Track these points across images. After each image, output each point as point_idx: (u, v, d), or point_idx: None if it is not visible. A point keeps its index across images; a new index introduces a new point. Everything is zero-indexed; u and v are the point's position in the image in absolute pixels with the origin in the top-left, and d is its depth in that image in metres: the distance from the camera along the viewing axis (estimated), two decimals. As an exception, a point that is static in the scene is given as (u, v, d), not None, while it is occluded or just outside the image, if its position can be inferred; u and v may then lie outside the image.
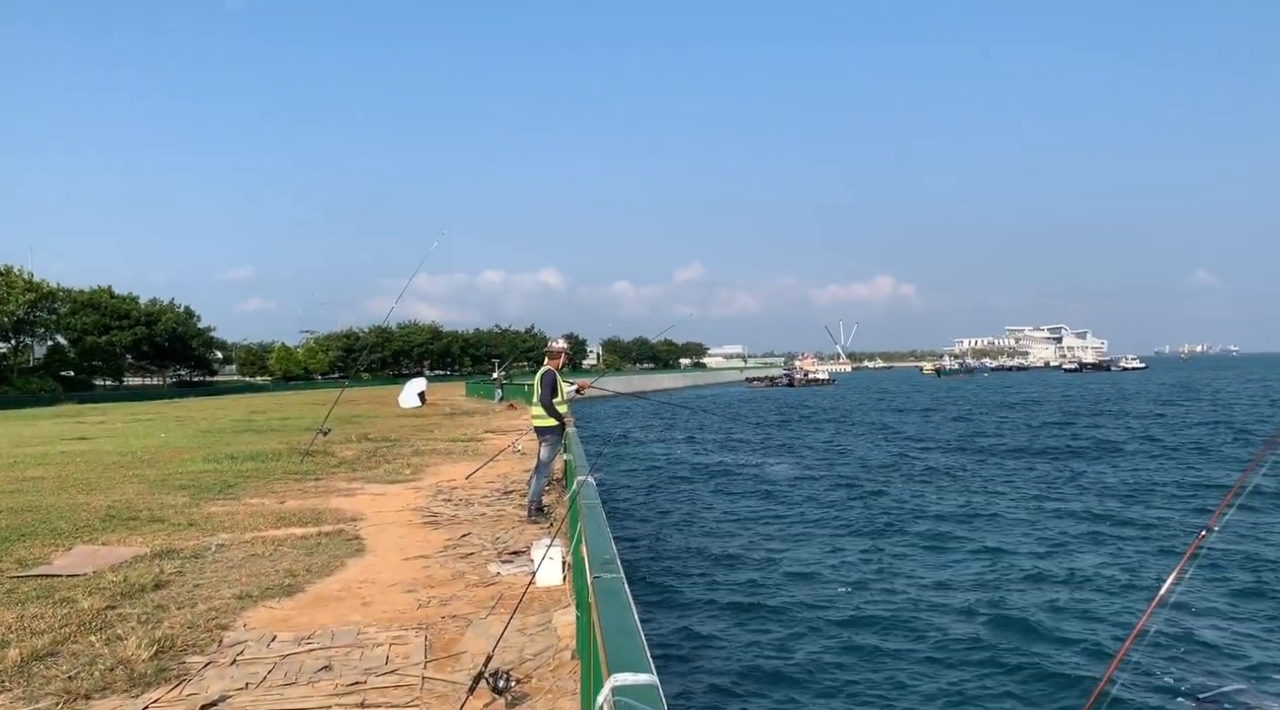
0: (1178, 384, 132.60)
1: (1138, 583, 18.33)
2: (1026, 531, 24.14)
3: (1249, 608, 16.27)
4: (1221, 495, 28.54)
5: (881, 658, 14.32)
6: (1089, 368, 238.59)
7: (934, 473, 37.59)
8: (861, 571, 20.16)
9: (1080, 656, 13.97)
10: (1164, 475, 35.17)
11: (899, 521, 26.12)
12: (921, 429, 62.58)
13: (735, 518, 27.73)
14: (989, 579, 18.99)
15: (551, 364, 13.12)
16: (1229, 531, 19.71)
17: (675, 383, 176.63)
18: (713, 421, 75.77)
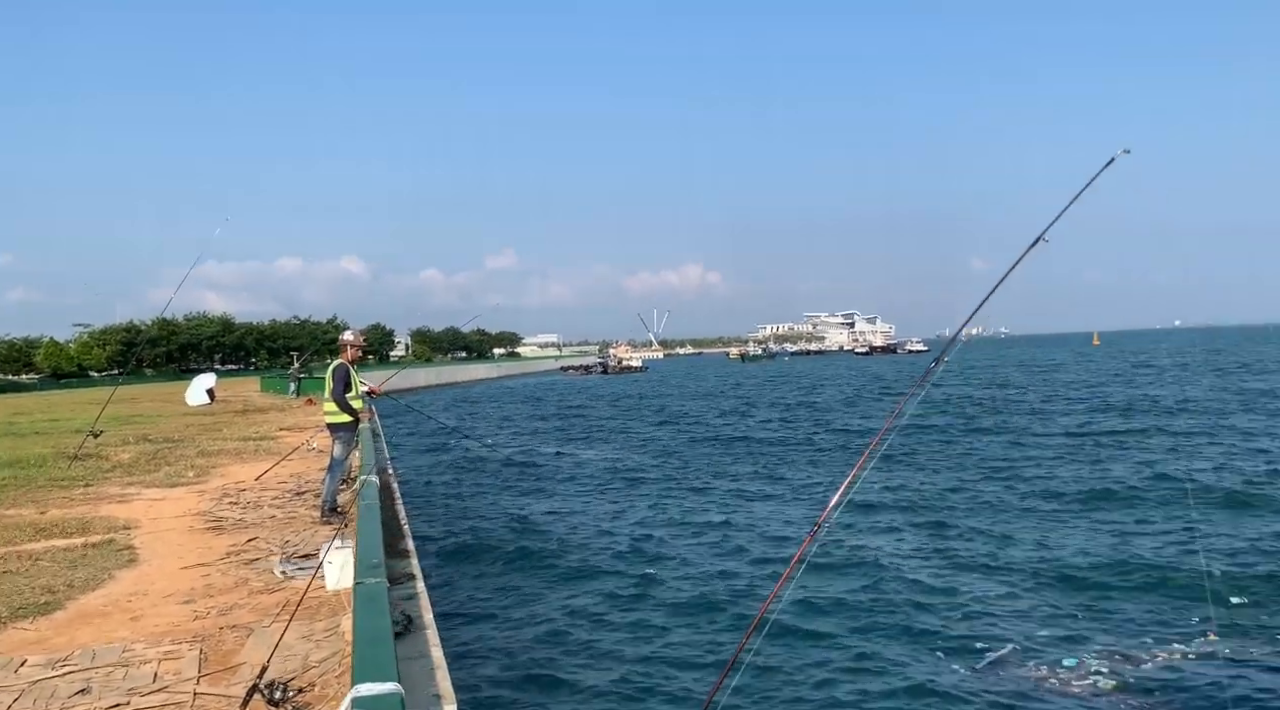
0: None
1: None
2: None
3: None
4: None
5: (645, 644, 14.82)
6: (878, 351, 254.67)
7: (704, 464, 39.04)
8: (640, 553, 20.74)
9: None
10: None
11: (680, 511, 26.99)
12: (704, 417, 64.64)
13: (535, 511, 27.84)
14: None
15: (344, 357, 12.69)
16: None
17: (489, 373, 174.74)
18: (520, 411, 75.61)
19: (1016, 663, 13.81)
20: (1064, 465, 31.91)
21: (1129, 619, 15.48)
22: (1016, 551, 20.24)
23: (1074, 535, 21.49)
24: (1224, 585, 16.74)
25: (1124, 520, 22.72)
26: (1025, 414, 52.08)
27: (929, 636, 14.96)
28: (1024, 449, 36.83)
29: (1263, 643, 13.94)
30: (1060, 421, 46.57)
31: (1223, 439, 36.75)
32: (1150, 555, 19.21)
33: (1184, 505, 23.96)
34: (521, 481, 33.82)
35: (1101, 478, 28.77)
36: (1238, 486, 25.88)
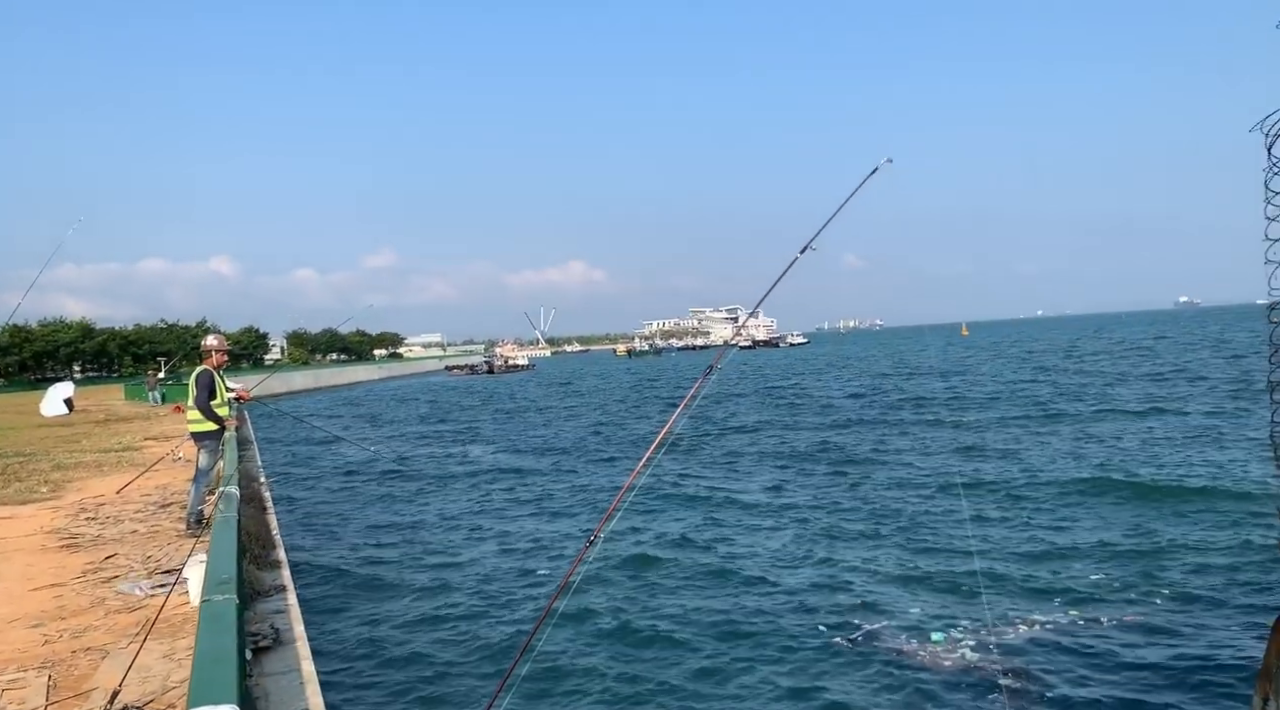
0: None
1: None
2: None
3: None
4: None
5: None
6: (761, 344, 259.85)
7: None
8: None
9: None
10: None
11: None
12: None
13: (407, 519, 27.44)
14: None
15: (208, 363, 12.23)
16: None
17: (370, 375, 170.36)
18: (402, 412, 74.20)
19: (888, 639, 14.41)
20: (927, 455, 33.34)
21: (996, 595, 16.33)
22: (888, 533, 21.08)
23: (943, 519, 22.50)
24: (1084, 562, 17.88)
25: (987, 500, 23.94)
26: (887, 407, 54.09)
27: (798, 614, 15.45)
28: (906, 438, 38.29)
29: (1119, 612, 14.92)
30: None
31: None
32: (1017, 537, 20.33)
33: (1071, 490, 25.40)
34: (401, 487, 33.22)
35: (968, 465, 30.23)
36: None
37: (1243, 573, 16.43)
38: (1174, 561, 17.46)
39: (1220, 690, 11.64)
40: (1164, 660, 12.82)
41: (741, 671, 13.38)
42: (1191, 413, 39.60)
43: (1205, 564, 17.12)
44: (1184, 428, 35.23)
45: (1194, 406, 41.83)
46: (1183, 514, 21.17)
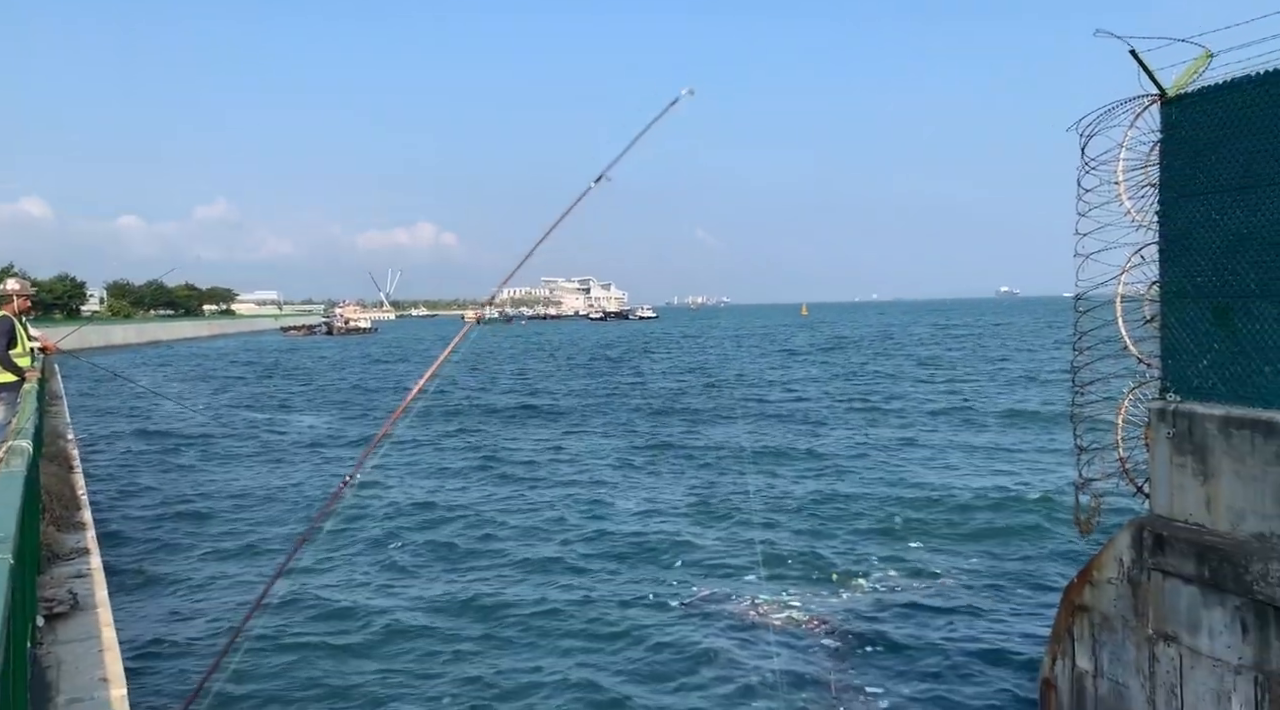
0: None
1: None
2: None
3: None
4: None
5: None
6: (612, 316, 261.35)
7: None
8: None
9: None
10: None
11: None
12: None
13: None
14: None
15: (8, 309, 11.20)
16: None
17: (199, 331, 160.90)
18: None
19: (720, 599, 14.85)
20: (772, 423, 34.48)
21: (830, 555, 17.07)
22: (717, 497, 21.70)
23: (774, 481, 23.31)
24: (903, 524, 18.91)
25: (812, 467, 24.98)
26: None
27: (632, 576, 15.71)
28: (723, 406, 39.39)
29: (927, 582, 15.84)
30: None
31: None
32: (850, 490, 21.30)
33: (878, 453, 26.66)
34: (221, 450, 31.66)
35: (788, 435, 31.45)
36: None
37: (1041, 544, 17.78)
38: (978, 534, 18.70)
39: (1016, 655, 12.57)
40: (969, 625, 13.72)
41: (503, 649, 13.14)
42: (998, 396, 42.50)
43: (1009, 535, 18.41)
44: (988, 409, 37.75)
45: (1000, 390, 44.91)
46: (984, 489, 22.70)
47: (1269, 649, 6.29)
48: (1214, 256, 7.41)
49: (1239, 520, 6.82)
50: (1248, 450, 6.76)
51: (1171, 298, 7.82)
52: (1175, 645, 6.99)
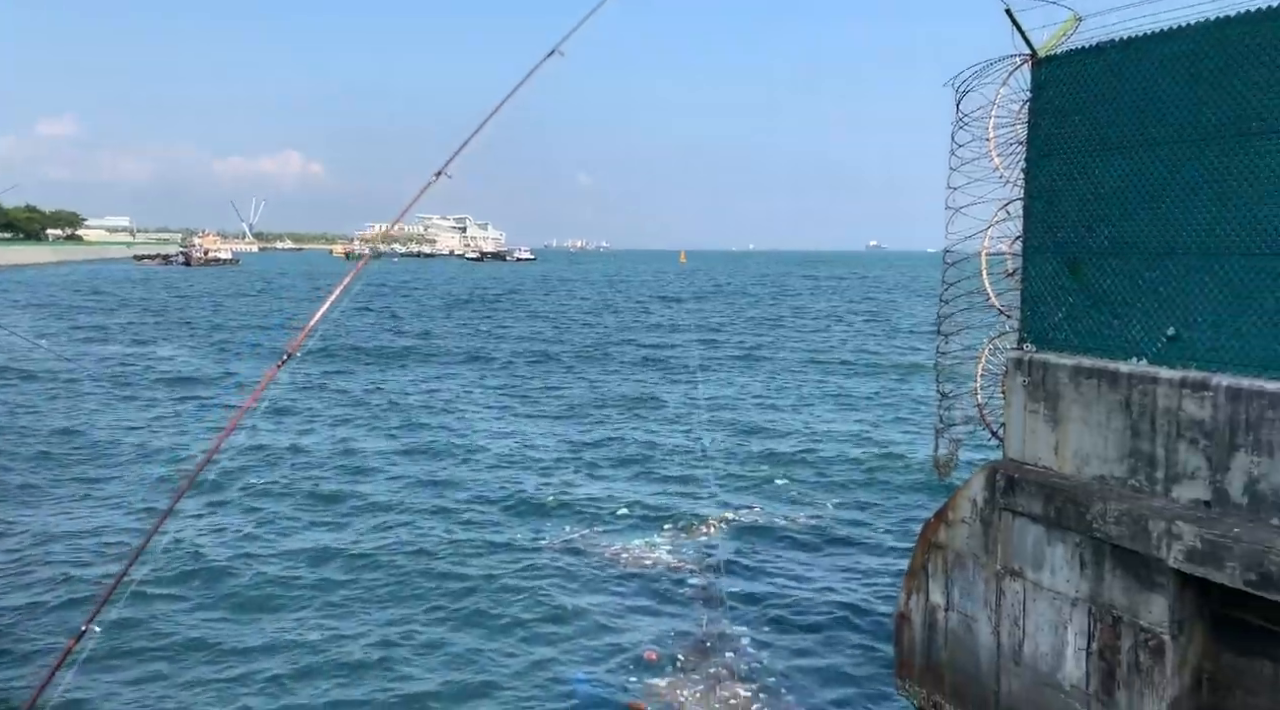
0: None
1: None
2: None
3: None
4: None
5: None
6: (489, 257, 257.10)
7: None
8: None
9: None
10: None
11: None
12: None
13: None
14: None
15: None
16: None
17: (40, 257, 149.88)
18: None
19: (589, 544, 15.00)
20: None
21: (699, 501, 17.44)
22: (590, 444, 21.86)
23: (646, 428, 23.61)
24: (770, 470, 19.49)
25: (682, 413, 25.42)
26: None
27: (493, 531, 15.70)
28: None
29: (796, 520, 16.40)
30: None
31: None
32: (719, 436, 21.76)
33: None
34: (68, 388, 29.77)
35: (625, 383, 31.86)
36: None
37: (902, 488, 18.65)
38: (843, 479, 19.47)
39: (876, 591, 13.20)
40: (832, 565, 14.32)
41: (370, 601, 12.87)
42: (863, 346, 44.15)
43: (872, 479, 19.24)
44: (854, 359, 39.18)
45: (866, 340, 46.66)
46: (855, 432, 23.61)
47: (1103, 582, 6.76)
48: (1072, 214, 7.75)
49: (1083, 464, 7.27)
50: (1094, 398, 7.17)
51: (1032, 252, 8.16)
52: (1020, 580, 7.44)
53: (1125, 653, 6.60)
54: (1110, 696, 6.68)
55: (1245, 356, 6.25)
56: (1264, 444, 5.94)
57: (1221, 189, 6.55)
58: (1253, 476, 6.04)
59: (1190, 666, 6.52)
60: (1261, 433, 5.96)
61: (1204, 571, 6.03)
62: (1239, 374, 6.23)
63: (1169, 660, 6.35)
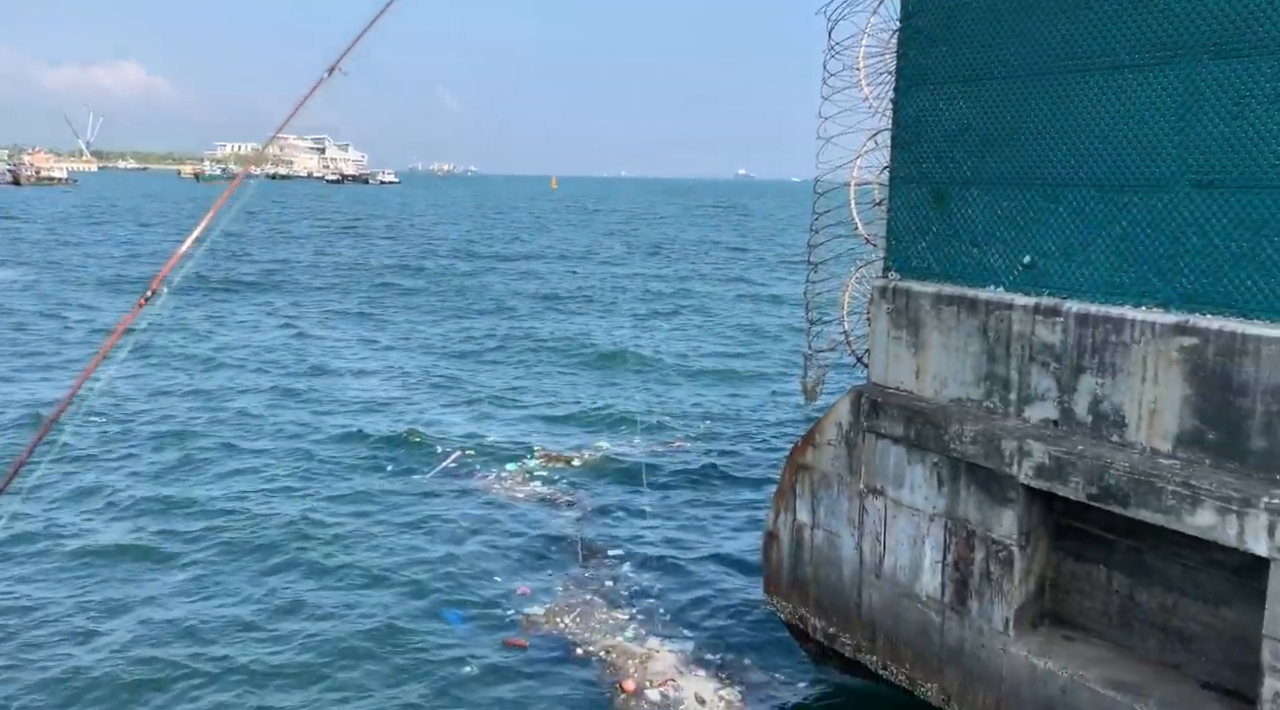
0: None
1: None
2: None
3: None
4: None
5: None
6: (350, 180, 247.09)
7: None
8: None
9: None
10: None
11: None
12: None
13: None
14: None
15: None
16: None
17: None
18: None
19: (464, 474, 14.89)
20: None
21: (575, 430, 17.47)
22: (460, 373, 21.57)
23: (518, 356, 23.45)
24: (650, 393, 19.69)
25: (555, 341, 25.38)
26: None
27: (379, 455, 15.40)
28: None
29: (661, 441, 16.68)
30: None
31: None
32: (590, 363, 21.81)
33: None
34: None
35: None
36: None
37: (772, 412, 19.19)
38: (715, 404, 19.87)
39: (746, 512, 13.62)
40: (704, 489, 14.66)
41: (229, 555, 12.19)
42: (734, 274, 44.89)
43: (742, 405, 19.71)
44: (725, 288, 39.86)
45: (736, 269, 47.45)
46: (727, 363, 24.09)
47: (958, 498, 7.14)
48: (937, 144, 7.93)
49: (942, 387, 7.59)
50: (954, 324, 7.46)
51: (898, 183, 8.34)
52: (882, 498, 7.78)
53: (977, 564, 7.02)
54: (963, 605, 7.11)
55: (1094, 283, 6.59)
56: (1108, 366, 6.32)
57: (1073, 121, 6.80)
58: (1096, 396, 6.43)
59: (1035, 574, 6.99)
60: (1106, 355, 6.33)
61: (1051, 486, 6.43)
62: (1088, 300, 6.58)
63: (1017, 569, 6.78)
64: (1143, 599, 6.64)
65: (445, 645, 9.62)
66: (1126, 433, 6.26)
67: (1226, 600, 6.12)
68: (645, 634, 9.81)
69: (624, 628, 9.93)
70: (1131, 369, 6.18)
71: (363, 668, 9.12)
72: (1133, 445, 6.21)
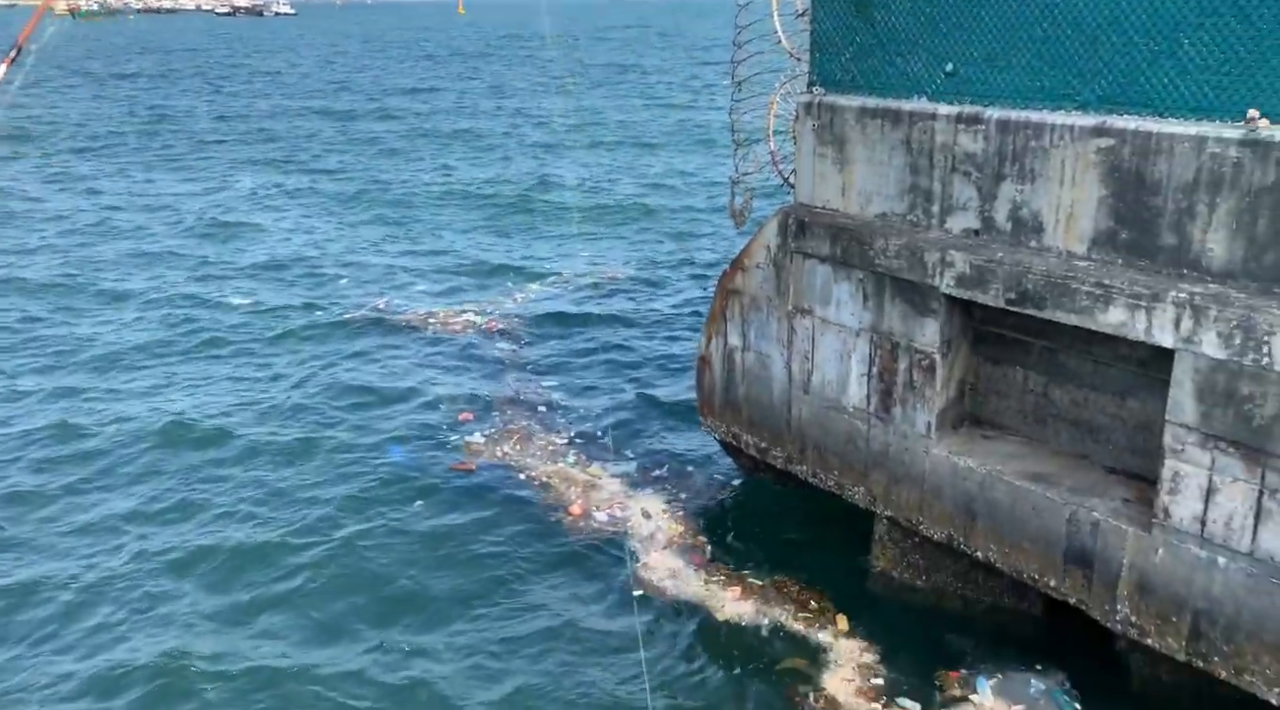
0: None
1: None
2: None
3: None
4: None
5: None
6: (242, 12, 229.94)
7: None
8: None
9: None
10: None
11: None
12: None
13: None
14: None
15: None
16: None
17: None
18: None
19: (394, 311, 14.75)
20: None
21: (508, 258, 17.28)
22: (372, 206, 20.99)
23: (428, 184, 22.84)
24: (575, 224, 19.47)
25: (474, 174, 24.71)
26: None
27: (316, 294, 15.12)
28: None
29: (597, 274, 16.64)
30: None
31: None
32: (510, 188, 21.39)
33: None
34: None
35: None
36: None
37: (703, 239, 19.17)
38: (642, 230, 19.76)
39: (679, 338, 13.81)
40: (637, 316, 14.77)
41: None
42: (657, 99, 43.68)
43: (671, 231, 19.64)
44: (637, 115, 38.86)
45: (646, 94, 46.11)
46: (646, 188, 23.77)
47: (882, 313, 7.30)
48: (859, -51, 7.60)
49: (867, 203, 7.61)
50: (878, 138, 7.40)
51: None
52: (810, 317, 7.92)
53: (901, 374, 7.27)
54: (888, 413, 7.42)
55: (1015, 89, 6.55)
56: (1027, 172, 6.38)
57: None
58: (1016, 203, 6.52)
59: (956, 380, 7.28)
60: (1026, 161, 6.38)
61: (972, 295, 6.61)
62: (1009, 106, 6.55)
63: (939, 377, 7.05)
64: (1056, 396, 7.00)
65: (392, 479, 9.78)
66: (1044, 237, 6.40)
67: (1133, 392, 6.49)
68: (586, 459, 10.11)
69: (565, 454, 10.20)
70: (1050, 173, 6.25)
71: (313, 511, 9.24)
72: (1050, 250, 6.36)
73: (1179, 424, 5.63)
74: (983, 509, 6.85)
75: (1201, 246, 5.63)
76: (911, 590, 7.78)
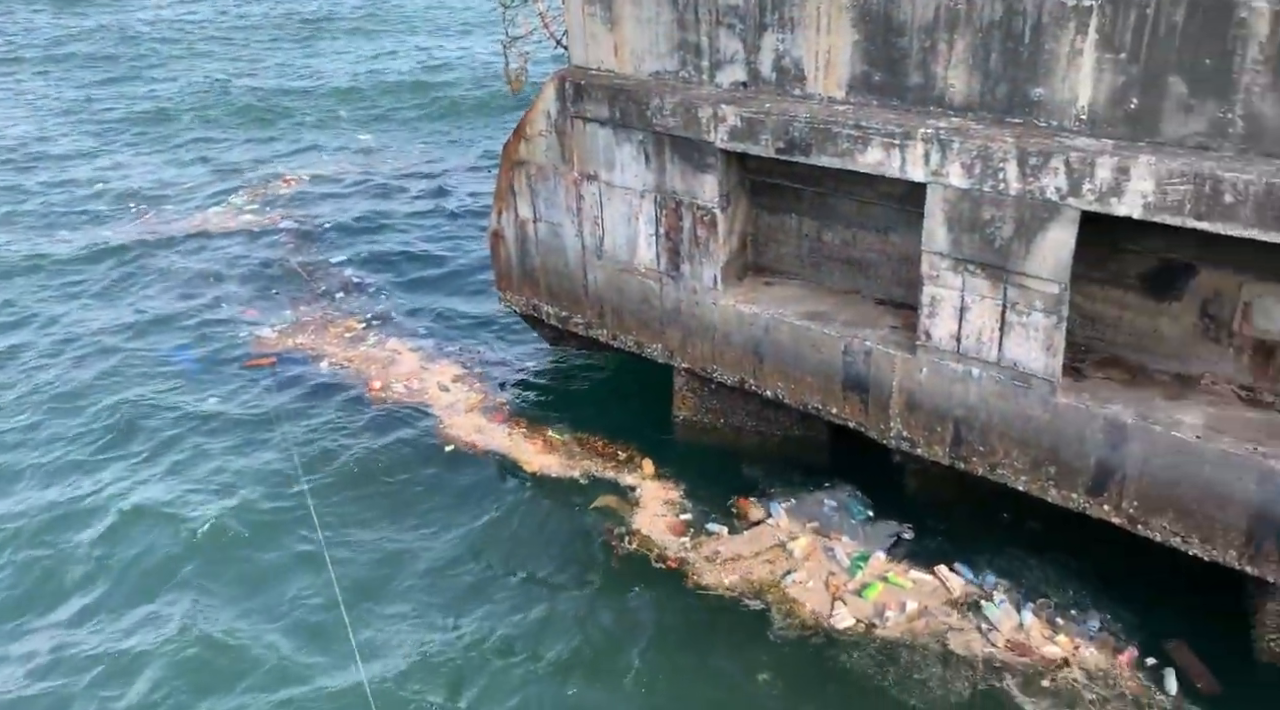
0: None
1: None
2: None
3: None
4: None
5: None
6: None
7: None
8: None
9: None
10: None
11: None
12: None
13: None
14: None
15: None
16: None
17: None
18: None
19: (168, 218, 13.67)
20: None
21: (278, 151, 16.15)
22: (151, 111, 19.09)
23: (206, 84, 20.93)
24: (349, 113, 18.35)
25: (241, 67, 22.75)
26: None
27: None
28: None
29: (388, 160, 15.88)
30: None
31: None
32: (288, 84, 19.85)
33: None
34: None
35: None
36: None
37: (484, 111, 18.56)
38: (421, 111, 18.90)
39: (472, 214, 13.50)
40: (422, 196, 14.30)
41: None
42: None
43: (451, 107, 18.84)
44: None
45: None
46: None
47: (664, 173, 7.41)
48: None
49: (640, 62, 7.58)
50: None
51: None
52: (596, 182, 7.93)
53: (686, 231, 7.46)
54: (677, 270, 7.64)
55: (770, -64, 6.61)
56: (787, 21, 6.52)
57: None
58: (779, 53, 6.68)
59: (737, 233, 7.56)
60: (785, 10, 6.50)
61: (744, 147, 6.80)
62: (765, -46, 6.62)
63: (720, 231, 7.29)
64: (828, 238, 7.42)
65: (186, 388, 9.27)
66: (807, 85, 6.63)
67: (894, 227, 6.97)
68: (384, 339, 9.97)
69: (364, 339, 9.99)
70: (808, 21, 6.43)
71: (99, 435, 8.67)
72: (813, 97, 6.61)
73: (933, 252, 6.12)
74: (769, 351, 7.27)
75: (944, 83, 6.01)
76: (711, 431, 8.27)
